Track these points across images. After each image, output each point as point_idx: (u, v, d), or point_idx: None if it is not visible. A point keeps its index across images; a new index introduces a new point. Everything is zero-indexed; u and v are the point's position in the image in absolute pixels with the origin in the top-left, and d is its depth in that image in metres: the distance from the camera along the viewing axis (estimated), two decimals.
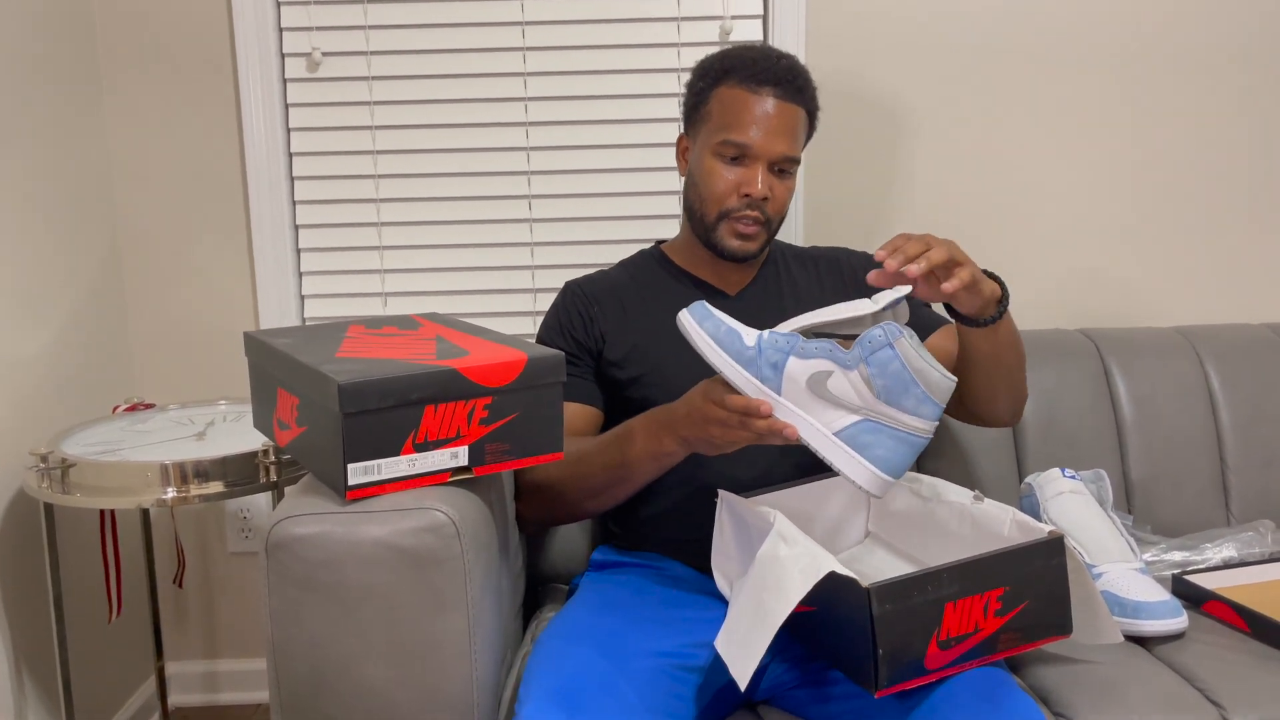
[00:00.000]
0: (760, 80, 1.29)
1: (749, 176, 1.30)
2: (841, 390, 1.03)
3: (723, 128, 1.30)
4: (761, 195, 1.30)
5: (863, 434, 1.02)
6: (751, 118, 1.29)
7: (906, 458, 1.03)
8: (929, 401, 1.01)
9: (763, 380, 1.05)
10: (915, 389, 1.01)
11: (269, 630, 1.00)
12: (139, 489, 1.36)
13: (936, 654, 0.99)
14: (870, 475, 1.03)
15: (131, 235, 1.83)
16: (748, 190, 1.30)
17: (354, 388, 0.97)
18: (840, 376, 1.03)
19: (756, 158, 1.30)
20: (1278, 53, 1.80)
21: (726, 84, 1.31)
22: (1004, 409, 1.33)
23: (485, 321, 1.85)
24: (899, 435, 1.02)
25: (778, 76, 1.30)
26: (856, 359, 1.02)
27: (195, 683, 1.96)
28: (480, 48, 1.78)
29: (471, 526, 1.02)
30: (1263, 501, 1.57)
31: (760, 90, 1.29)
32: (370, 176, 1.82)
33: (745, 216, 1.31)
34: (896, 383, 1.01)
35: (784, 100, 1.30)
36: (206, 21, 1.77)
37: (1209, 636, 1.23)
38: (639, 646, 1.09)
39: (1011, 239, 1.85)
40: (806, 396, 1.04)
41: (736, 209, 1.31)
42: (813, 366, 1.04)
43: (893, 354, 1.01)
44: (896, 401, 1.01)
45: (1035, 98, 1.81)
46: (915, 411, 1.02)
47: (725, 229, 1.33)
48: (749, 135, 1.29)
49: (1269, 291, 1.87)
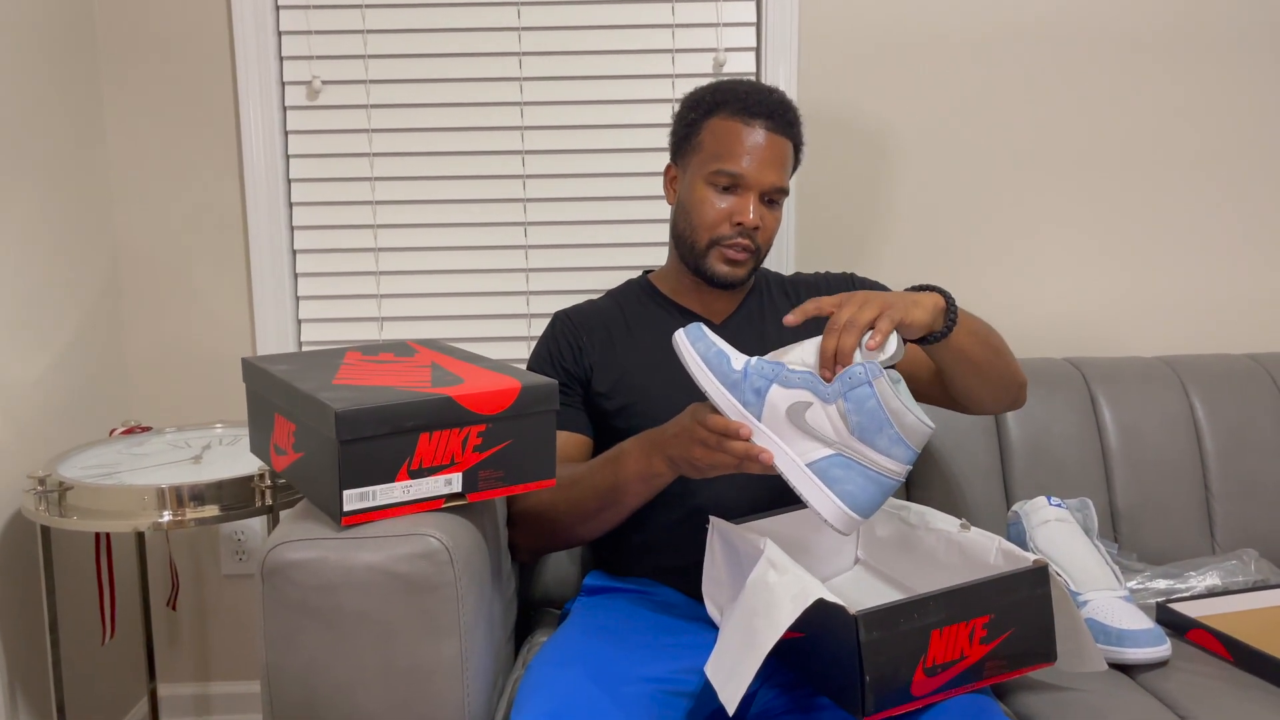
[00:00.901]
0: (753, 113, 1.32)
1: (741, 206, 1.33)
2: (818, 423, 1.05)
3: (715, 158, 1.33)
4: (754, 224, 1.32)
5: (834, 468, 1.04)
6: (744, 149, 1.32)
7: (875, 497, 1.04)
8: (902, 444, 1.02)
9: (745, 404, 1.07)
10: (889, 429, 1.02)
11: (263, 655, 1.01)
12: (135, 512, 1.37)
13: (923, 680, 1.00)
14: (836, 510, 1.03)
15: (131, 259, 1.85)
16: (740, 219, 1.33)
17: (351, 415, 0.99)
18: (819, 409, 1.05)
19: (749, 188, 1.32)
20: (1260, 89, 1.84)
21: (719, 115, 1.34)
22: (994, 401, 1.34)
23: (480, 346, 1.87)
24: (869, 474, 1.03)
25: (770, 109, 1.33)
26: (836, 393, 1.04)
27: (188, 705, 1.96)
28: (477, 77, 1.81)
29: (465, 552, 1.04)
30: (1246, 530, 1.59)
31: (752, 122, 1.32)
32: (368, 203, 1.84)
33: (736, 244, 1.34)
34: (871, 421, 1.02)
35: (774, 133, 1.33)
36: (208, 49, 1.80)
37: (1192, 665, 1.24)
38: (630, 672, 1.10)
39: (998, 268, 1.88)
40: (785, 425, 1.06)
41: (728, 237, 1.34)
42: (793, 396, 1.06)
43: (870, 392, 1.02)
44: (870, 440, 1.03)
45: (1023, 131, 1.84)
46: (888, 452, 1.02)
47: (715, 256, 1.35)
48: (742, 165, 1.31)
49: (1249, 321, 1.90)
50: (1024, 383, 1.37)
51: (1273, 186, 1.87)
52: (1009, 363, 1.33)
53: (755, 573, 1.03)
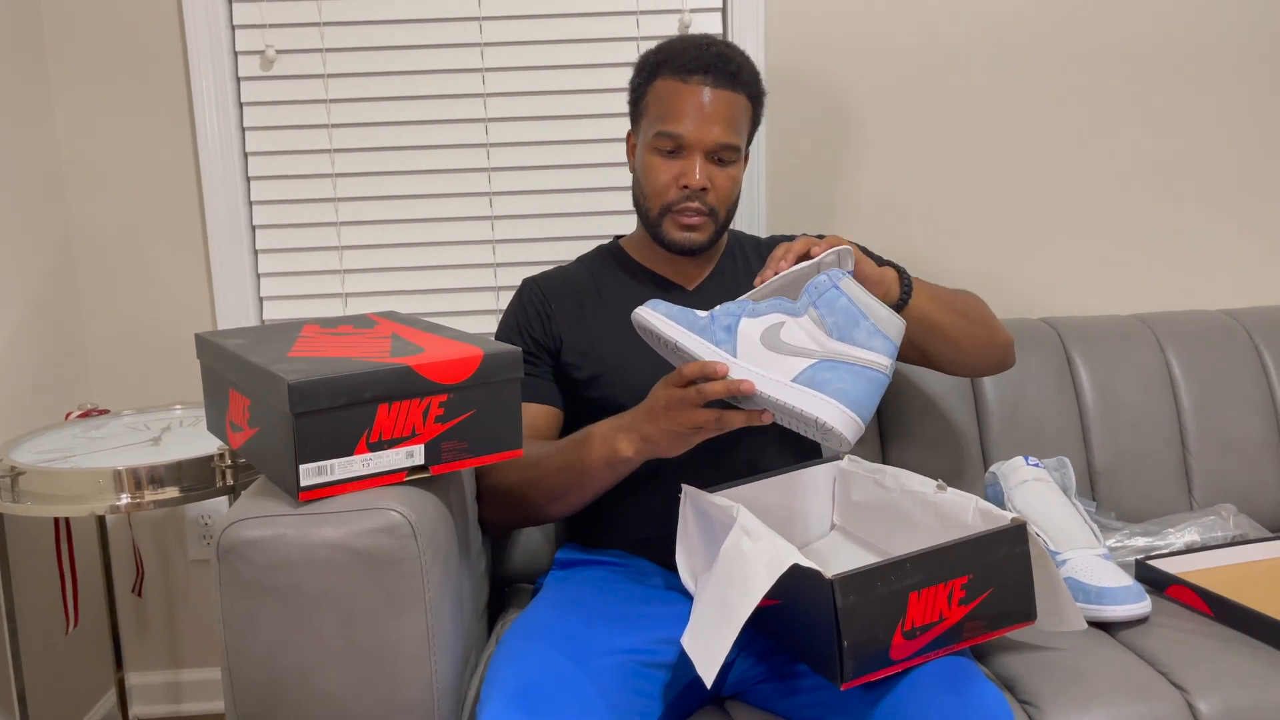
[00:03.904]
0: (690, 69, 1.28)
1: (686, 168, 1.29)
2: (795, 338, 1.04)
3: (658, 120, 1.30)
4: (700, 186, 1.28)
5: (820, 373, 1.02)
6: (683, 109, 1.28)
7: (868, 392, 1.02)
8: (880, 335, 1.03)
9: (718, 344, 1.05)
10: (865, 322, 1.03)
11: (222, 638, 0.97)
12: (92, 496, 1.33)
13: (902, 644, 0.98)
14: (836, 411, 1.00)
15: (84, 238, 1.80)
16: (685, 181, 1.29)
17: (304, 387, 0.95)
18: (792, 325, 1.05)
19: (692, 148, 1.28)
20: (1228, 46, 1.82)
21: (661, 76, 1.31)
22: (975, 364, 1.35)
23: (448, 320, 1.83)
24: (856, 369, 1.02)
25: (707, 64, 1.28)
26: (805, 305, 1.05)
27: (158, 693, 1.92)
28: (437, 44, 1.76)
29: (429, 527, 1.01)
30: (1224, 485, 1.58)
31: (690, 79, 1.28)
32: (328, 175, 1.79)
33: (687, 209, 1.30)
34: (846, 318, 1.03)
35: (717, 88, 1.28)
36: (156, 19, 1.74)
37: (1172, 621, 1.23)
38: (603, 644, 1.08)
39: (970, 229, 1.85)
40: (762, 352, 1.04)
41: (677, 201, 1.30)
42: (765, 322, 1.05)
43: (839, 292, 1.04)
44: (848, 337, 1.03)
45: (993, 89, 1.81)
46: (867, 345, 1.03)
47: (669, 223, 1.32)
48: (682, 126, 1.28)
49: (1223, 276, 1.89)
50: (1007, 343, 1.36)
51: (1245, 138, 1.85)
52: (982, 327, 1.32)
53: (729, 541, 1.01)
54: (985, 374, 1.39)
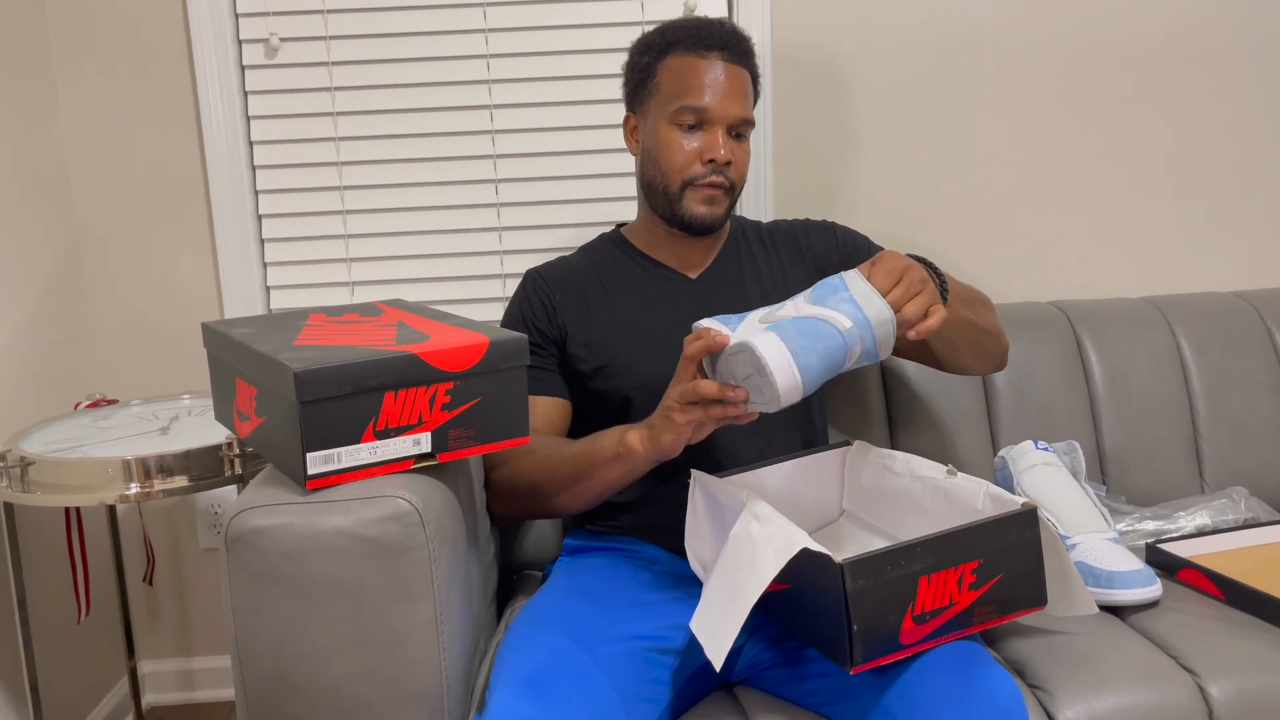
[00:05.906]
0: (708, 45, 1.29)
1: (710, 141, 1.29)
2: (782, 310, 1.06)
3: (676, 96, 1.29)
4: (726, 159, 1.29)
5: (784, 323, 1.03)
6: (704, 82, 1.28)
7: (812, 339, 1.00)
8: (851, 303, 1.02)
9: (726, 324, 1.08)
10: (844, 292, 1.03)
11: (231, 626, 0.98)
12: (101, 485, 1.33)
13: (911, 629, 0.98)
14: (773, 343, 0.99)
15: (90, 229, 1.80)
16: (711, 155, 1.28)
17: (310, 375, 0.95)
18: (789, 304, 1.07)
19: (715, 122, 1.28)
20: (1239, 31, 1.80)
21: (674, 53, 1.30)
22: (976, 369, 1.37)
23: (454, 308, 1.82)
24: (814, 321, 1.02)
25: (724, 40, 1.29)
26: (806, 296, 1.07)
27: (170, 681, 1.93)
28: (442, 30, 1.75)
29: (436, 514, 1.00)
30: (1235, 469, 1.57)
31: (709, 55, 1.29)
32: (333, 164, 1.78)
33: (710, 183, 1.29)
34: (828, 290, 1.05)
35: (732, 63, 1.29)
36: (160, 7, 1.73)
37: (1183, 604, 1.23)
38: (611, 630, 1.08)
39: (979, 211, 1.84)
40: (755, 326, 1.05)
41: (701, 176, 1.29)
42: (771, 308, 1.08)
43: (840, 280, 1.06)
44: (822, 300, 1.04)
45: (1005, 67, 1.80)
46: (836, 308, 1.03)
47: (691, 197, 1.31)
48: (705, 99, 1.28)
49: (1233, 258, 1.87)
50: (1005, 349, 1.38)
51: (1255, 121, 1.84)
52: (991, 337, 1.33)
53: (738, 525, 1.00)
54: (977, 374, 1.41)
